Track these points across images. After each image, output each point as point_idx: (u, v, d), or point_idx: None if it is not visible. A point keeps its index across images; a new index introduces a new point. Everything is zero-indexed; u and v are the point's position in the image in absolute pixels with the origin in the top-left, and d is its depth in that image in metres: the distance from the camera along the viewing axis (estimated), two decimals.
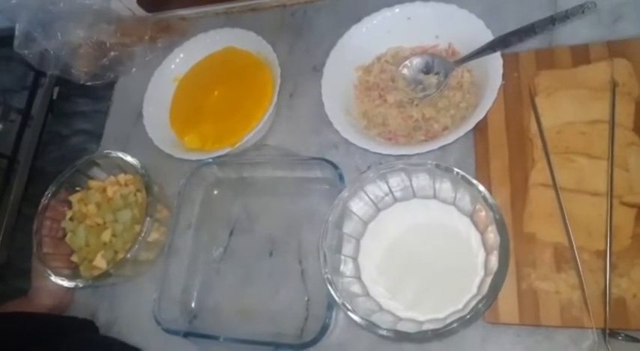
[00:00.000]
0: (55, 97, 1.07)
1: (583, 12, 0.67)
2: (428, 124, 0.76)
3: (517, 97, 0.73)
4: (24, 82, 1.08)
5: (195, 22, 1.02)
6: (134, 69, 0.99)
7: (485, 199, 0.62)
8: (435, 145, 0.69)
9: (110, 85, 1.02)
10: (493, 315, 0.64)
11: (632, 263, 0.61)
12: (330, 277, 0.64)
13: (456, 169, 0.63)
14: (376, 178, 0.67)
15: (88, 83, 0.97)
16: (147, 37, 0.97)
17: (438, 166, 0.64)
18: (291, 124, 0.87)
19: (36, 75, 1.08)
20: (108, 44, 0.94)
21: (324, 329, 0.66)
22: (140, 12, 1.00)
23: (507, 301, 0.64)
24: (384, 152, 0.74)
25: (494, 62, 0.71)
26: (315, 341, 0.66)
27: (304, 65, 0.89)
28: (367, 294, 0.68)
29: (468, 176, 0.63)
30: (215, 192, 0.85)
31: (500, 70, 0.70)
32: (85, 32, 0.92)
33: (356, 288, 0.68)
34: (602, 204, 0.63)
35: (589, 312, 0.60)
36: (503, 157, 0.70)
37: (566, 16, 0.68)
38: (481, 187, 0.62)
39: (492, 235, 0.63)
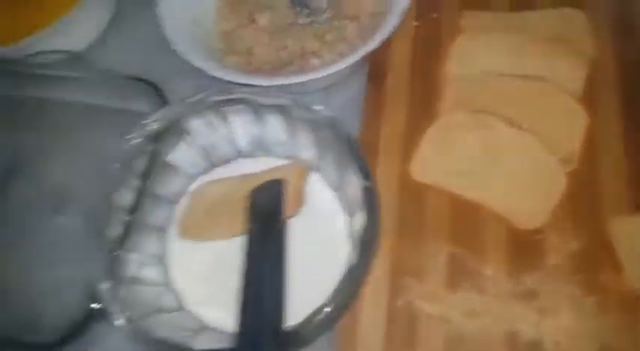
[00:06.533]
0: None
1: None
2: (305, 58, 0.53)
3: (432, 42, 0.53)
4: None
5: None
6: None
7: (356, 158, 0.39)
8: (304, 77, 0.47)
9: None
10: (347, 342, 0.42)
11: (559, 294, 0.41)
12: (101, 247, 0.39)
13: (318, 108, 0.41)
14: (206, 109, 0.44)
15: None
16: None
17: (296, 102, 0.41)
18: (125, 37, 0.62)
19: None
20: None
21: (77, 328, 0.42)
22: None
23: (371, 322, 0.42)
24: (243, 81, 0.48)
25: None
26: (57, 345, 0.42)
27: None
28: (166, 283, 0.44)
29: (333, 116, 0.40)
30: None
31: None
32: None
33: (153, 272, 0.44)
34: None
35: None
36: (401, 113, 0.49)
37: None
38: (353, 142, 0.40)
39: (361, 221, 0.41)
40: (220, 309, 0.42)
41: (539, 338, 0.40)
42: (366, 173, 0.38)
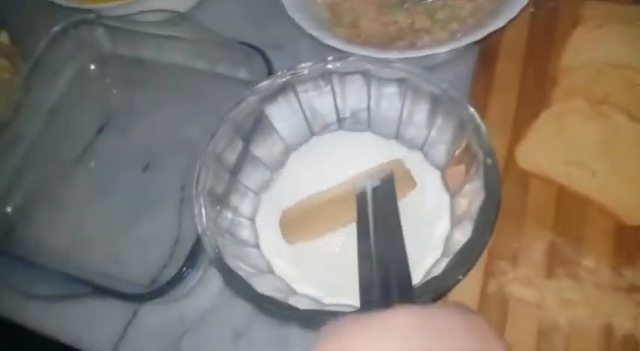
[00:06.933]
0: None
1: None
2: (416, 35, 0.52)
3: (548, 29, 0.52)
4: None
5: None
6: None
7: (479, 135, 0.39)
8: (418, 53, 0.46)
9: None
10: None
11: None
12: (203, 202, 0.40)
13: (443, 85, 0.40)
14: (318, 77, 0.44)
15: None
16: None
17: (417, 75, 0.41)
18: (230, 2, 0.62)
19: None
20: None
21: (173, 282, 0.43)
22: None
23: (463, 302, 0.42)
24: (355, 51, 0.48)
25: None
26: (148, 297, 0.43)
27: None
28: (258, 245, 0.44)
29: (456, 91, 0.40)
30: (92, 67, 0.60)
31: None
32: None
33: (246, 233, 0.45)
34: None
35: None
36: (510, 98, 0.48)
37: None
38: (477, 119, 0.39)
39: (468, 200, 0.40)
40: (310, 287, 0.42)
41: (636, 333, 0.39)
42: (489, 151, 0.37)
